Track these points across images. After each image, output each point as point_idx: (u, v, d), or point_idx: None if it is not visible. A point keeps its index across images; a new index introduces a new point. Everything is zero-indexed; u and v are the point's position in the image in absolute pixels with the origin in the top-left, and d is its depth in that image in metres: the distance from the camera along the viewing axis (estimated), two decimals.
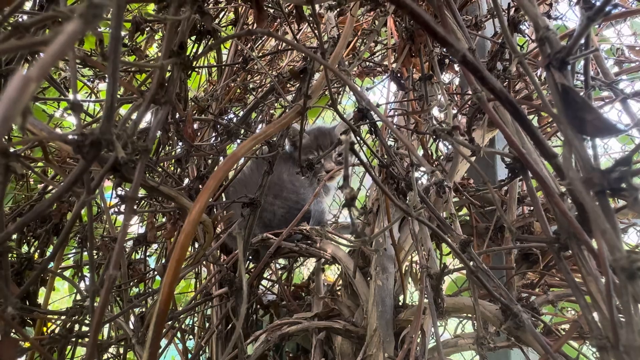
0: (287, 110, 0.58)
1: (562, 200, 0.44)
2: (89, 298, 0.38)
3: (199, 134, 0.80)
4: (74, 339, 0.52)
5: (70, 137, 0.36)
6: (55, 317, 0.66)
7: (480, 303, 0.73)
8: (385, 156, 0.65)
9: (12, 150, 0.43)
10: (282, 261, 1.62)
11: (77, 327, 0.69)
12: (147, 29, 0.81)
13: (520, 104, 0.39)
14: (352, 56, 1.01)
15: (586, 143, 0.37)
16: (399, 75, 0.63)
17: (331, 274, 1.84)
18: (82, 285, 1.08)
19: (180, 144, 0.70)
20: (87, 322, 0.64)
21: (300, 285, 1.51)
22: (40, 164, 0.66)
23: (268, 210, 1.28)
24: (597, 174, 0.33)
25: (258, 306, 1.44)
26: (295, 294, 1.45)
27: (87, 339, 0.56)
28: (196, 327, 1.38)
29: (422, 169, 0.68)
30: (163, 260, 1.04)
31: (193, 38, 0.98)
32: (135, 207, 1.02)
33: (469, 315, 0.81)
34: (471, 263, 0.61)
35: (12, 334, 0.37)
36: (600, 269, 0.37)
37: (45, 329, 0.93)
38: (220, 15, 1.37)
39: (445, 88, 0.64)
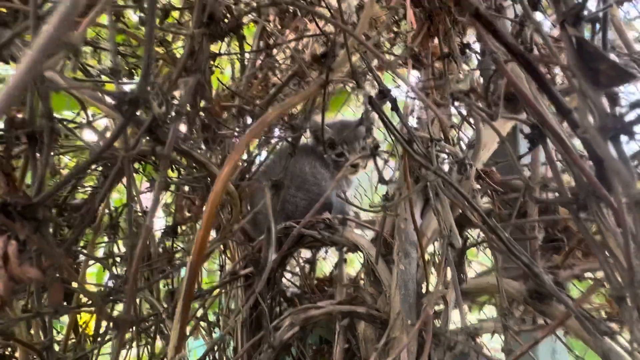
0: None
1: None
2: (127, 247, 0.41)
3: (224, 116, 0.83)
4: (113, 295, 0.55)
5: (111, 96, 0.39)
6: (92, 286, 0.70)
7: (504, 281, 0.73)
8: (406, 134, 0.66)
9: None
10: (304, 255, 1.64)
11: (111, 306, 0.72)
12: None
13: (534, 60, 0.40)
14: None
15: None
16: (417, 53, 0.65)
17: (353, 271, 1.85)
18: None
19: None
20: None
21: (323, 278, 1.52)
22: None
23: (290, 202, 1.30)
24: (611, 118, 0.34)
25: (281, 299, 1.46)
26: (318, 287, 1.47)
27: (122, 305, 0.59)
28: (221, 318, 1.41)
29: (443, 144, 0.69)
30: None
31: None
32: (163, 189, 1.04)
33: (493, 294, 0.81)
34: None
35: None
36: (617, 216, 0.37)
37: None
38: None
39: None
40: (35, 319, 0.46)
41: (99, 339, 0.68)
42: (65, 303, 0.97)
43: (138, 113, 0.42)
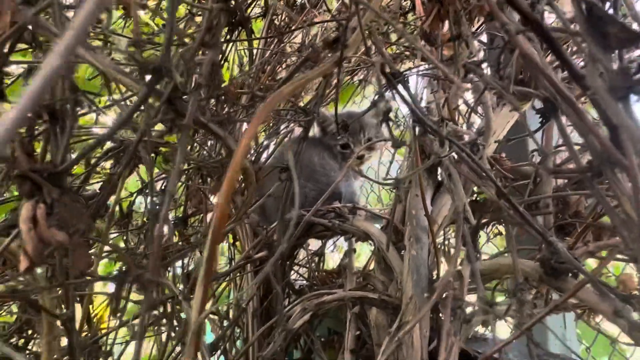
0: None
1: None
2: (149, 219, 0.42)
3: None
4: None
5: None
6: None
7: (519, 260, 0.73)
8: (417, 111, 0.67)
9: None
10: (312, 247, 1.65)
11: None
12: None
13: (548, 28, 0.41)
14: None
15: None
16: (427, 32, 0.66)
17: (360, 264, 1.86)
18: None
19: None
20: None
21: (331, 271, 1.53)
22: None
23: (300, 193, 1.31)
24: (620, 77, 0.35)
25: (290, 291, 1.47)
26: (327, 279, 1.48)
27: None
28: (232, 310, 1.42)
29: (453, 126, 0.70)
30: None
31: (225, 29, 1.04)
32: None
33: (506, 274, 0.81)
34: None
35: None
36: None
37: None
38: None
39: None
40: (59, 288, 0.47)
41: (117, 314, 0.69)
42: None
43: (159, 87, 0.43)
